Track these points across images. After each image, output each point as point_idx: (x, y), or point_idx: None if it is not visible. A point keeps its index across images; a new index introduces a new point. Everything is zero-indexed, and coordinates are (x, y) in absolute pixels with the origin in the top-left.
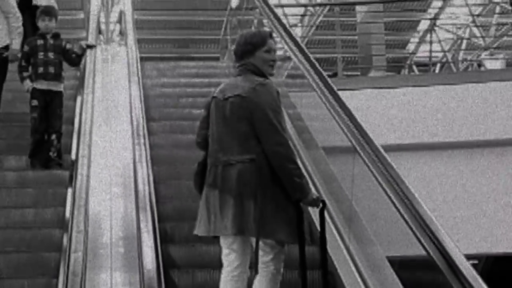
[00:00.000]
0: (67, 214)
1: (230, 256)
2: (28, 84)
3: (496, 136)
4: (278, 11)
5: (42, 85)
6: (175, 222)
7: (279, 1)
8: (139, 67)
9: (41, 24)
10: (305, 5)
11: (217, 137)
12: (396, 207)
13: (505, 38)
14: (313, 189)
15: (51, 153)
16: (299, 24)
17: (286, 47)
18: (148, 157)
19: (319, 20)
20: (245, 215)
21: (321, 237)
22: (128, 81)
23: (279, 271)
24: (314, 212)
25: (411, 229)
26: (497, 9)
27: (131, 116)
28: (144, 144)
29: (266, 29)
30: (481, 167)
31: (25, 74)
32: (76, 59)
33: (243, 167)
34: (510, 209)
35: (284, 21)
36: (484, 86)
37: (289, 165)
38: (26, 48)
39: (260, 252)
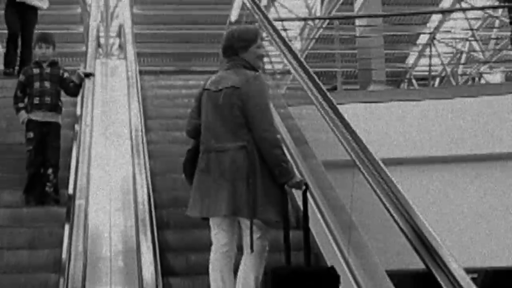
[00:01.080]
0: (64, 256)
1: (219, 235)
2: (23, 115)
3: (496, 150)
4: (278, 24)
5: (38, 116)
6: (171, 210)
7: (279, 15)
8: (139, 81)
9: (38, 51)
10: (304, 19)
11: (210, 126)
12: (396, 221)
13: (504, 52)
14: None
15: (47, 188)
16: (299, 38)
17: (285, 60)
18: (148, 173)
19: (318, 34)
20: (237, 198)
21: (304, 216)
22: (127, 95)
23: (265, 248)
24: (298, 194)
25: (411, 242)
26: (496, 23)
27: (131, 131)
28: (144, 159)
29: (265, 39)
30: (480, 181)
31: (20, 105)
32: (74, 89)
33: (235, 153)
34: (509, 223)
35: (284, 34)
36: (484, 100)
37: (277, 151)
38: (22, 77)
39: (248, 232)
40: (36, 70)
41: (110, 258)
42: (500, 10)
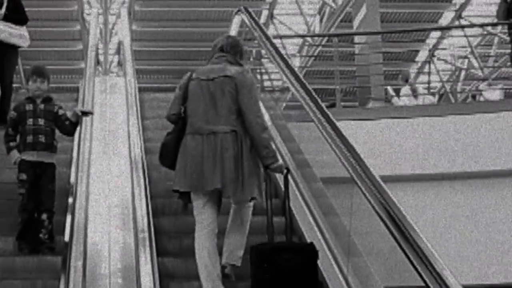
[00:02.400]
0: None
1: (203, 214)
2: (15, 155)
3: (494, 167)
4: (277, 41)
5: (31, 156)
6: (166, 199)
7: (278, 32)
8: (138, 98)
9: (32, 86)
10: (303, 36)
11: (200, 111)
12: (395, 238)
13: (503, 69)
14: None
15: (41, 235)
16: (298, 55)
17: (284, 77)
18: (148, 190)
19: (317, 51)
20: (226, 175)
21: (285, 197)
22: (126, 113)
23: (247, 221)
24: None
25: (409, 259)
26: (495, 40)
27: (130, 149)
28: (144, 177)
29: (264, 57)
30: (479, 197)
31: (11, 143)
32: (69, 127)
33: (224, 136)
34: (508, 240)
35: (283, 51)
36: (483, 117)
37: (265, 135)
38: (13, 114)
39: (234, 207)
40: (29, 106)
41: (109, 275)
42: (499, 27)
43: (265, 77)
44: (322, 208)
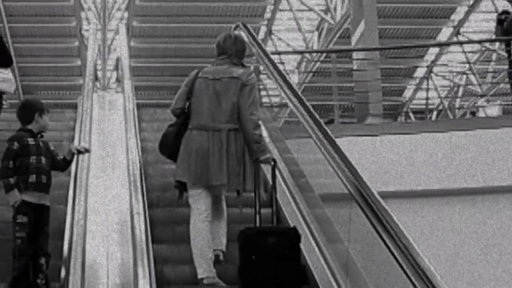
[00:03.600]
0: None
1: (198, 203)
2: (16, 196)
3: (493, 183)
4: (275, 58)
5: (33, 198)
6: (160, 193)
7: (276, 48)
8: (136, 114)
9: (45, 120)
10: (301, 52)
11: (206, 108)
12: (393, 254)
13: (501, 85)
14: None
15: (39, 281)
16: (296, 71)
17: (282, 93)
18: (146, 207)
19: (315, 67)
20: (230, 171)
21: (272, 185)
22: (124, 129)
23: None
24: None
25: (407, 275)
26: (494, 56)
27: (128, 164)
28: (142, 193)
29: (263, 73)
30: (477, 214)
31: (11, 180)
32: (63, 165)
33: (228, 133)
34: (508, 256)
35: (281, 68)
36: (481, 133)
37: (258, 131)
38: (15, 145)
39: (222, 200)
40: (31, 140)
41: (107, 261)
42: (497, 44)
43: (264, 93)
44: (308, 201)
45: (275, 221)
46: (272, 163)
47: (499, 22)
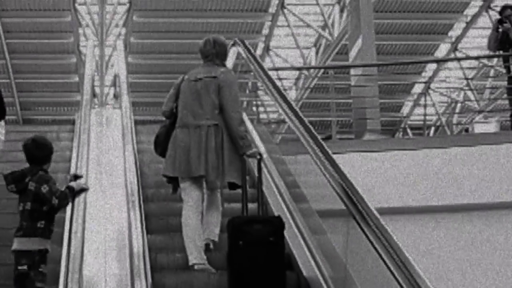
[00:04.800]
0: None
1: (189, 196)
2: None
3: (491, 199)
4: (273, 74)
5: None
6: (154, 190)
7: (274, 64)
8: (134, 131)
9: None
10: (299, 68)
11: (189, 107)
12: (391, 271)
13: (499, 101)
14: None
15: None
16: (294, 87)
17: (280, 110)
18: (144, 225)
19: (313, 83)
20: (209, 163)
21: (258, 179)
22: (122, 145)
23: (221, 204)
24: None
25: None
26: (491, 72)
27: (126, 181)
28: (140, 209)
29: (260, 89)
30: (475, 229)
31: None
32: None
33: (208, 129)
34: (505, 272)
35: (279, 84)
36: (479, 149)
37: (242, 127)
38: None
39: (208, 192)
40: None
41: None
42: (495, 60)
43: (261, 109)
44: (294, 197)
45: (259, 208)
46: (258, 157)
47: (496, 28)
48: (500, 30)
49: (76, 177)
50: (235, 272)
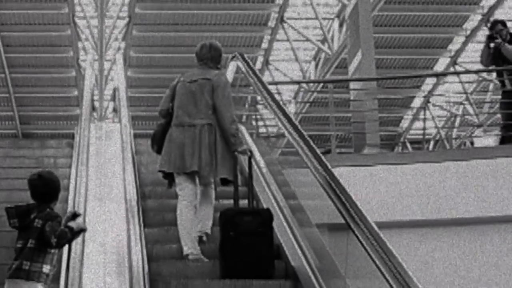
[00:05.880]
0: None
1: (184, 191)
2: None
3: (490, 213)
4: (272, 88)
5: None
6: (151, 187)
7: (273, 78)
8: (133, 145)
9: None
10: (298, 82)
11: (184, 107)
12: (390, 285)
13: (498, 115)
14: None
15: None
16: (293, 101)
17: (279, 124)
18: (143, 239)
19: (312, 97)
20: (202, 159)
21: (249, 174)
22: (122, 159)
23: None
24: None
25: None
26: (491, 86)
27: (125, 195)
28: (139, 224)
29: (260, 103)
30: (474, 244)
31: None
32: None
33: (202, 128)
34: (504, 287)
35: (278, 98)
36: (478, 163)
37: (234, 126)
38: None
39: (202, 187)
40: None
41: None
42: (494, 74)
43: (260, 123)
44: (284, 194)
45: (250, 201)
46: (249, 153)
47: (488, 44)
48: (492, 45)
49: (74, 216)
50: (227, 261)
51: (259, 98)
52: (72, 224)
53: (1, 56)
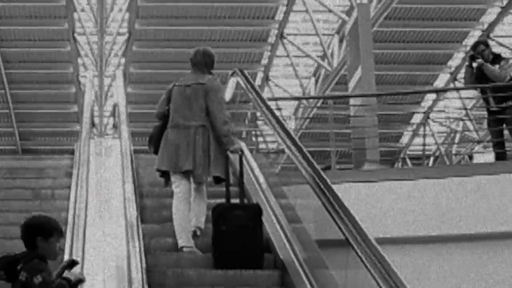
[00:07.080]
0: None
1: (179, 188)
2: None
3: (490, 229)
4: (272, 104)
5: None
6: (149, 188)
7: (273, 94)
8: (133, 161)
9: (52, 247)
10: (298, 98)
11: (179, 109)
12: None
13: None
14: None
15: None
16: (293, 117)
17: (279, 140)
18: (143, 254)
19: (312, 113)
20: (197, 159)
21: (240, 172)
22: (121, 175)
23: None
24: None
25: None
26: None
27: (125, 212)
28: (139, 240)
29: (259, 119)
30: (474, 260)
31: None
32: None
33: (196, 129)
34: None
35: (278, 114)
36: (478, 179)
37: (226, 127)
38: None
39: (195, 186)
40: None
41: None
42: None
43: (260, 139)
44: (275, 192)
45: (241, 197)
46: (240, 152)
47: (470, 64)
48: (475, 65)
49: (72, 264)
50: (219, 252)
51: (258, 114)
52: (69, 275)
53: (1, 72)
